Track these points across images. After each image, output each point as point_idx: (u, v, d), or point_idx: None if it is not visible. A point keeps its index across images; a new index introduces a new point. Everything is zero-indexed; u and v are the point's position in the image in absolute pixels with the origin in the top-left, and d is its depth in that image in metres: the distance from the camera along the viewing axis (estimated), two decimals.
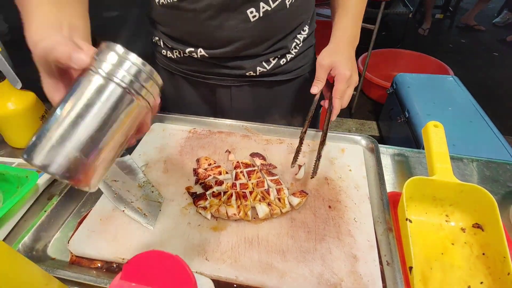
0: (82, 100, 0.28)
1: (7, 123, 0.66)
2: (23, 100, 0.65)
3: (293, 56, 0.69)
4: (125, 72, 0.29)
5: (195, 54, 0.64)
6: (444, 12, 3.78)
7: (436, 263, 0.48)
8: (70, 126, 0.27)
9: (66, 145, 0.27)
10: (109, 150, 0.29)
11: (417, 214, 0.55)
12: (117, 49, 0.29)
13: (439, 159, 0.54)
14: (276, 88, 0.72)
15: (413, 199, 0.54)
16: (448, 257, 0.49)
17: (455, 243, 0.51)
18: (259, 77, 0.69)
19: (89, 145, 0.28)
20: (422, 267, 0.48)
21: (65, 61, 0.30)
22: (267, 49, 0.65)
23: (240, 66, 0.66)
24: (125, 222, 0.51)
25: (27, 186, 0.53)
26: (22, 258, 0.36)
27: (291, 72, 0.71)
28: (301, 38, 0.68)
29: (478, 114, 1.54)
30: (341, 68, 0.57)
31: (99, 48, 0.30)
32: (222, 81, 0.70)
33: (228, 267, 0.44)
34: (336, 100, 0.58)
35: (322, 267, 0.45)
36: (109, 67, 0.28)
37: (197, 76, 0.70)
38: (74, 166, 0.27)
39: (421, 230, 0.53)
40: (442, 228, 0.53)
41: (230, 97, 0.73)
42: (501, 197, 0.59)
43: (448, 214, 0.54)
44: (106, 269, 0.46)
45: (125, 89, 0.29)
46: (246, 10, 0.57)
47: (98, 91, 0.28)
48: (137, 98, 0.30)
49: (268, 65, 0.67)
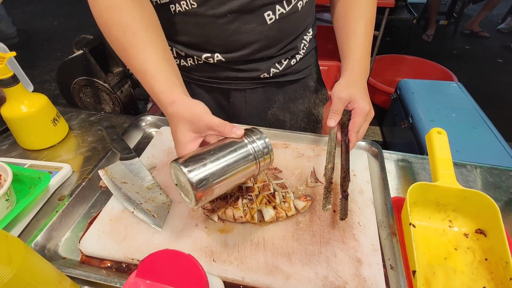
0: (229, 151, 0.43)
1: (20, 125, 0.68)
2: (36, 103, 0.67)
3: (301, 56, 0.72)
4: (259, 146, 0.44)
5: (211, 59, 0.65)
6: (448, 18, 3.79)
7: (439, 268, 0.49)
8: (215, 160, 0.42)
9: (207, 168, 0.41)
10: (224, 184, 0.43)
11: (421, 219, 0.55)
12: (260, 131, 0.46)
13: (442, 165, 0.55)
14: (286, 87, 0.75)
15: (416, 204, 0.55)
16: (451, 262, 0.50)
17: (458, 248, 0.52)
18: (272, 78, 0.71)
19: (218, 174, 0.42)
20: (425, 272, 0.48)
21: (220, 130, 0.44)
22: (280, 50, 0.67)
23: (255, 69, 0.68)
24: (134, 223, 0.52)
25: (40, 186, 0.55)
26: (37, 256, 0.37)
27: (299, 72, 0.74)
28: (307, 39, 0.71)
29: (482, 120, 1.55)
30: (360, 102, 0.57)
31: (248, 129, 0.46)
32: (236, 85, 0.71)
33: (235, 269, 0.46)
34: (353, 134, 0.57)
35: (327, 269, 0.45)
36: (251, 139, 0.45)
37: (211, 82, 0.71)
38: (204, 183, 0.40)
39: (425, 235, 0.54)
40: (445, 233, 0.54)
41: (245, 100, 0.75)
42: (503, 203, 0.60)
43: (451, 220, 0.55)
44: (116, 269, 0.48)
45: (253, 155, 0.44)
46: (264, 13, 0.59)
47: (238, 150, 0.44)
48: (255, 163, 0.45)
49: (281, 66, 0.70)
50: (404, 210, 0.52)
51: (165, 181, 0.60)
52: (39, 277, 0.36)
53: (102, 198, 0.59)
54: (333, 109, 0.59)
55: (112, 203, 0.55)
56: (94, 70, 1.21)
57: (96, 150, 0.72)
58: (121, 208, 0.54)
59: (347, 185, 0.52)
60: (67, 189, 0.62)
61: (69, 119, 0.82)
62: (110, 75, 1.28)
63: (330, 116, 0.59)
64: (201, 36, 0.62)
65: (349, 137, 0.57)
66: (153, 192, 0.56)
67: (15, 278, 0.32)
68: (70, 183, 0.64)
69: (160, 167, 0.63)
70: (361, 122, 0.57)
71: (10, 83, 0.63)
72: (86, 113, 0.85)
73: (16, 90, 0.64)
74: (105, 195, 0.59)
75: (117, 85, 1.29)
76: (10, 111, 0.66)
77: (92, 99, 1.35)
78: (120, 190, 0.56)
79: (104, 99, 1.33)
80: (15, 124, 0.68)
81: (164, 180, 0.60)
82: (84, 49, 1.16)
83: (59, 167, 0.63)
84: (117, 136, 0.66)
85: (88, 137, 0.76)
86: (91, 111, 0.87)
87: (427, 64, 2.50)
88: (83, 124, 0.81)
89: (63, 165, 0.64)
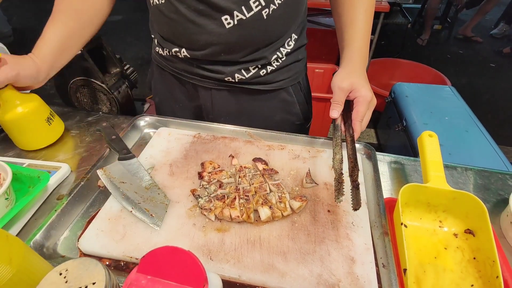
0: None
1: (15, 126, 0.67)
2: (29, 103, 0.67)
3: (274, 69, 0.70)
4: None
5: (179, 54, 0.69)
6: (442, 23, 3.86)
7: (430, 266, 0.51)
8: None
9: None
10: None
11: (412, 219, 0.57)
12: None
13: (433, 167, 0.56)
14: (255, 96, 0.74)
15: (408, 204, 0.56)
16: (441, 260, 0.52)
17: (448, 248, 0.53)
18: (238, 84, 0.71)
19: None
20: (416, 270, 0.50)
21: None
22: (244, 57, 0.66)
23: (219, 71, 0.69)
24: (133, 222, 0.53)
25: (39, 185, 0.55)
26: (37, 256, 0.38)
27: (271, 84, 0.72)
28: (284, 51, 0.69)
29: (474, 123, 1.58)
30: (362, 90, 0.57)
31: None
32: (203, 83, 0.73)
33: (232, 267, 0.47)
34: (357, 123, 0.57)
35: (321, 268, 0.47)
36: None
37: (182, 75, 0.74)
38: None
39: (416, 234, 0.55)
40: (435, 233, 0.55)
41: (211, 99, 0.76)
42: (492, 205, 0.62)
43: (441, 220, 0.56)
44: (114, 267, 0.48)
45: None
46: (221, 17, 0.60)
47: None
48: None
49: (247, 74, 0.69)
50: (396, 210, 0.54)
51: (163, 181, 0.60)
52: (38, 277, 0.36)
53: (100, 198, 0.60)
54: (334, 100, 0.59)
55: (111, 202, 0.56)
56: (92, 71, 1.22)
57: (94, 150, 0.73)
58: (119, 207, 0.55)
59: (357, 175, 0.51)
60: (65, 189, 0.63)
61: (66, 119, 0.82)
62: (107, 76, 1.28)
63: (332, 107, 0.58)
64: (169, 30, 0.67)
65: (353, 126, 0.57)
66: (151, 192, 0.57)
67: (15, 278, 0.32)
68: (68, 182, 0.64)
69: (158, 167, 0.64)
70: (364, 110, 0.57)
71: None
72: (84, 113, 0.86)
73: (6, 92, 0.63)
74: (103, 194, 0.60)
75: (114, 86, 1.29)
76: (4, 113, 0.64)
77: (89, 99, 1.35)
78: (119, 190, 0.56)
79: (101, 99, 1.34)
80: (9, 126, 0.67)
81: (162, 180, 0.61)
82: (82, 50, 1.16)
83: (57, 167, 0.64)
84: (115, 136, 0.67)
85: (86, 137, 0.77)
86: (89, 111, 0.87)
87: (421, 68, 2.54)
88: (81, 124, 0.81)
89: (61, 165, 0.64)
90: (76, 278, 0.30)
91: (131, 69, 1.39)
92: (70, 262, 0.32)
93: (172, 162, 0.65)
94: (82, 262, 0.31)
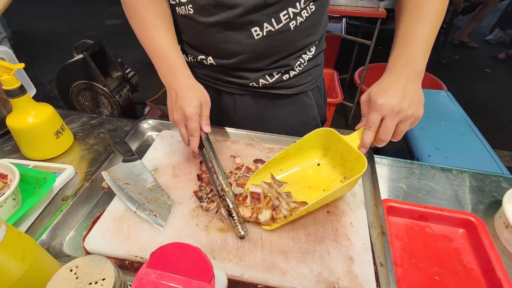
0: None
1: (22, 136, 0.67)
2: (42, 113, 0.66)
3: (296, 73, 0.72)
4: None
5: (205, 61, 0.71)
6: None
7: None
8: None
9: None
10: None
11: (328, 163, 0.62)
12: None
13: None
14: (277, 101, 0.77)
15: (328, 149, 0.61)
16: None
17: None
18: (261, 88, 0.73)
19: None
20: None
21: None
22: (269, 65, 0.69)
23: (244, 77, 0.71)
24: (137, 222, 0.54)
25: (46, 186, 0.57)
26: (46, 254, 0.39)
27: (292, 88, 0.75)
28: (306, 58, 0.71)
29: (470, 128, 1.60)
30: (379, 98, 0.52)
31: None
32: (227, 88, 0.75)
33: (234, 266, 0.48)
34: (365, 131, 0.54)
35: (321, 266, 0.48)
36: None
37: (206, 80, 0.77)
38: None
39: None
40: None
41: (234, 103, 0.78)
42: (486, 207, 0.64)
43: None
44: (119, 266, 0.49)
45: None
46: (251, 29, 0.62)
47: None
48: None
49: (271, 79, 0.71)
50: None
51: (166, 183, 0.62)
52: (48, 273, 0.37)
53: (104, 199, 0.61)
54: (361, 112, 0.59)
55: (115, 203, 0.57)
56: (94, 74, 1.23)
57: (98, 152, 0.74)
58: (124, 208, 0.56)
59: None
60: (69, 190, 0.64)
61: (70, 122, 0.83)
62: (109, 79, 1.29)
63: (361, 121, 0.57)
64: (197, 39, 0.69)
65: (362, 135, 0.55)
66: (155, 193, 0.58)
67: (27, 274, 0.33)
68: (73, 184, 0.65)
69: (162, 169, 0.65)
70: (373, 119, 0.53)
71: (17, 94, 0.62)
72: (87, 116, 0.87)
73: (23, 100, 0.63)
74: (107, 196, 0.61)
75: (116, 89, 1.31)
76: (15, 121, 0.65)
77: (90, 102, 1.36)
78: (123, 191, 0.58)
79: (102, 102, 1.35)
80: (19, 135, 0.67)
81: (165, 182, 0.62)
82: (85, 54, 1.18)
83: (62, 169, 0.65)
84: (119, 139, 0.68)
85: (89, 140, 0.78)
86: (92, 115, 0.89)
87: None
88: (85, 127, 0.83)
89: (66, 167, 0.66)
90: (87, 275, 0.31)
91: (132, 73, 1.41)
92: (80, 259, 0.33)
93: (175, 164, 0.66)
94: (92, 259, 0.32)
